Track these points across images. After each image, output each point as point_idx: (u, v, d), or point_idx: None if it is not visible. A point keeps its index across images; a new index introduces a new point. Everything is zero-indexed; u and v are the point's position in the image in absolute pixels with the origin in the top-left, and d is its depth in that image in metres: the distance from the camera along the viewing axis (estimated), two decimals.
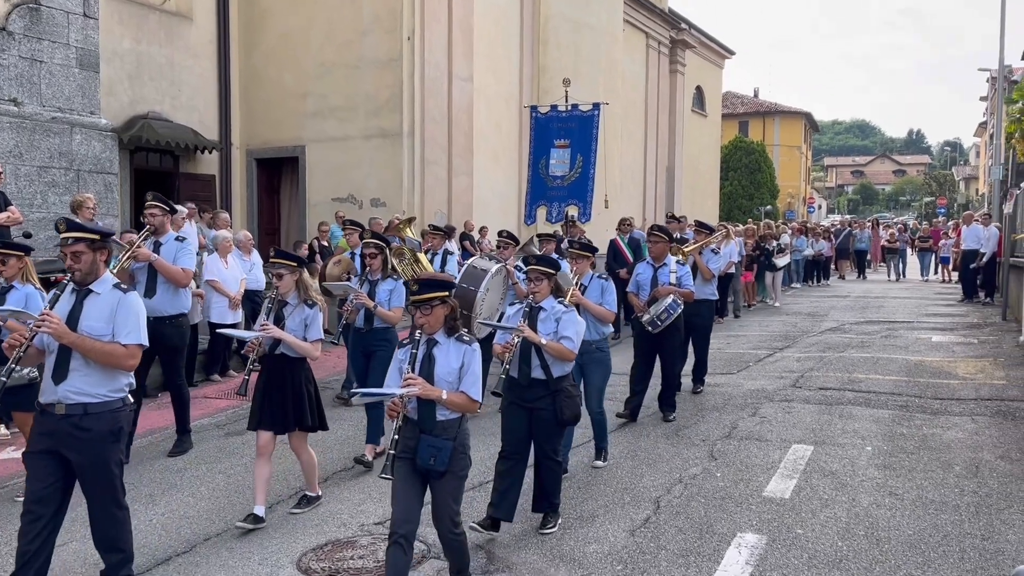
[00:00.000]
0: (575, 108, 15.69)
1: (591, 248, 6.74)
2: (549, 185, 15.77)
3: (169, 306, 6.95)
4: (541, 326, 5.18)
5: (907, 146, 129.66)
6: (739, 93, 54.73)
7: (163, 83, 15.08)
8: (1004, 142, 21.43)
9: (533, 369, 5.13)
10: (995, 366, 10.44)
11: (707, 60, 33.05)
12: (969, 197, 71.49)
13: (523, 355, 5.12)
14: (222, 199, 16.23)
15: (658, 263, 7.78)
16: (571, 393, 5.20)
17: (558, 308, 5.22)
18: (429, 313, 4.19)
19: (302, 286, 5.51)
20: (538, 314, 5.23)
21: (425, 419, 4.15)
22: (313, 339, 5.47)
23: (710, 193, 34.47)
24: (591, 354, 6.36)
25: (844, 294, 20.46)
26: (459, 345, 4.24)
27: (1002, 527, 5.24)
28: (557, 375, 5.14)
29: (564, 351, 5.10)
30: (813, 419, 7.93)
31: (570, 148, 15.58)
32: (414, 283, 4.23)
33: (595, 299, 6.39)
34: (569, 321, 5.18)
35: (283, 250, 6.13)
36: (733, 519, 5.43)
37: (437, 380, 4.15)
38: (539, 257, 5.41)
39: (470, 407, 4.23)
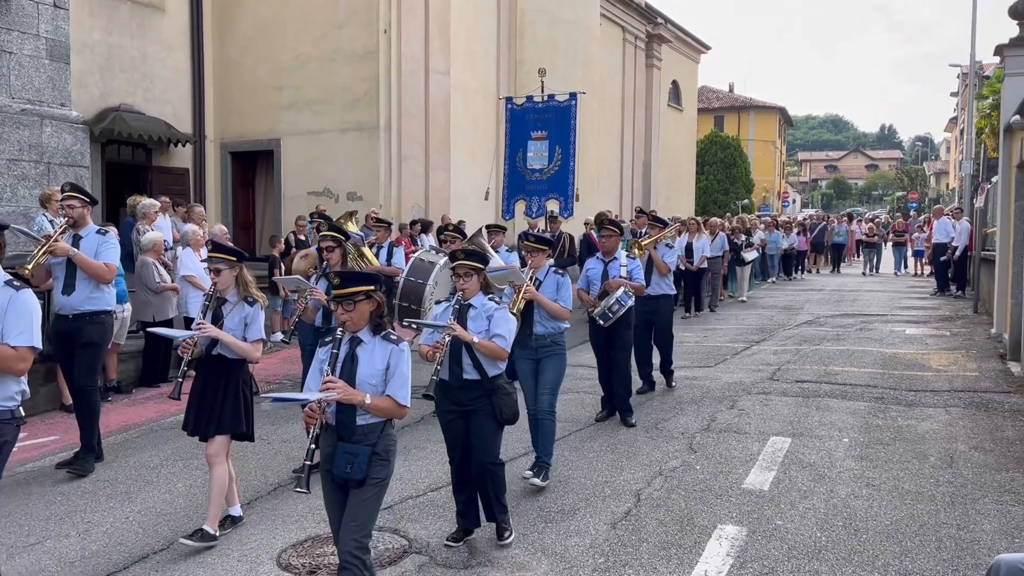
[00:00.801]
0: (551, 99, 15.25)
1: (547, 241, 6.55)
2: (527, 179, 15.25)
3: (89, 303, 6.46)
4: (472, 324, 4.89)
5: (879, 141, 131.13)
6: (714, 88, 55.02)
7: (135, 75, 14.86)
8: (974, 137, 21.74)
9: (465, 370, 4.86)
10: (967, 358, 10.59)
11: (683, 55, 33.18)
12: (940, 192, 72.51)
13: (454, 355, 4.85)
14: (196, 193, 16.04)
15: (608, 258, 7.60)
16: (507, 390, 4.94)
17: (489, 305, 4.96)
18: (352, 309, 3.84)
19: (242, 282, 5.19)
20: (468, 312, 4.94)
21: (344, 425, 3.82)
22: (253, 339, 5.13)
23: (686, 187, 34.66)
24: (546, 348, 6.14)
25: (819, 287, 20.67)
26: (385, 345, 3.88)
27: (977, 516, 5.31)
28: (492, 374, 4.88)
29: (497, 350, 4.84)
30: (790, 411, 7.99)
31: (548, 140, 15.11)
32: (334, 276, 3.89)
33: (550, 295, 6.13)
34: (501, 319, 4.92)
35: (220, 243, 5.84)
36: (713, 511, 5.45)
37: (360, 383, 3.80)
38: (467, 251, 5.09)
39: (397, 412, 3.87)
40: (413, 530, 5.22)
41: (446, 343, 4.80)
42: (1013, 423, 7.44)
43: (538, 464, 6.02)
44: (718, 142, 41.40)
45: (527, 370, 6.18)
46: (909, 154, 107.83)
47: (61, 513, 5.61)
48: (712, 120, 49.18)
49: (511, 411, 4.93)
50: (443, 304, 5.13)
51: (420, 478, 6.18)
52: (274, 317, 11.93)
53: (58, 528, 5.35)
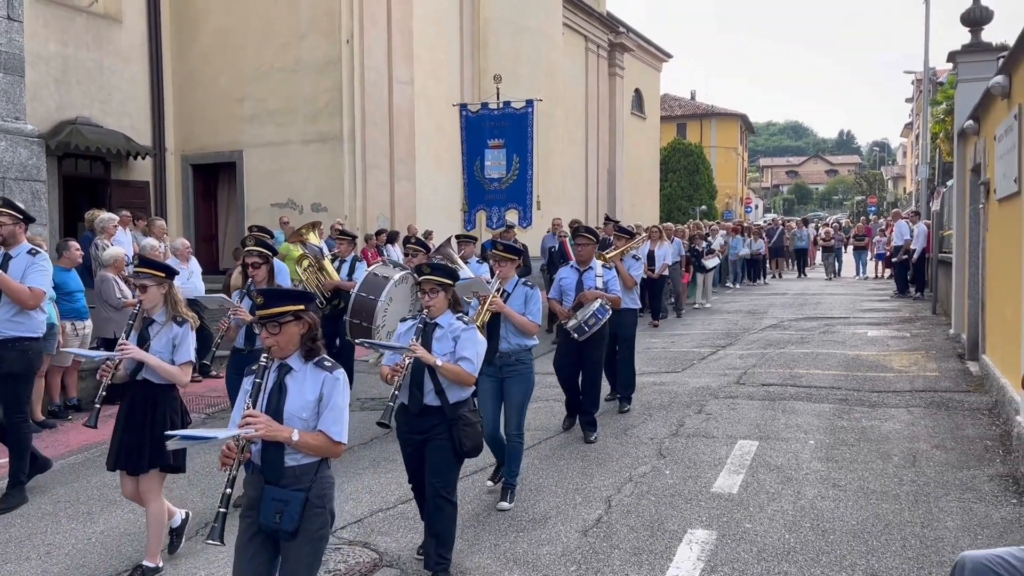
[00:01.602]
0: (507, 106, 14.79)
1: (516, 251, 6.12)
2: (486, 188, 14.85)
3: (9, 327, 5.91)
4: (437, 345, 4.56)
5: (838, 146, 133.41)
6: (676, 96, 55.61)
7: (92, 87, 14.63)
8: (930, 142, 22.19)
9: (426, 394, 4.53)
10: (927, 358, 10.79)
11: (645, 63, 33.50)
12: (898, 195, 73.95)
13: (415, 379, 4.52)
14: (157, 206, 15.82)
15: (583, 267, 7.30)
16: (470, 420, 4.60)
17: (456, 325, 4.61)
18: (278, 332, 3.40)
19: (171, 300, 4.82)
20: (433, 331, 4.60)
21: (271, 466, 3.38)
22: (182, 362, 4.76)
23: (650, 194, 34.93)
24: (511, 367, 5.79)
25: (782, 292, 20.93)
26: (318, 372, 3.45)
27: (940, 514, 5.40)
28: (454, 400, 4.55)
29: (462, 374, 4.51)
30: (757, 415, 8.07)
31: (505, 148, 14.66)
32: (257, 295, 3.47)
33: (518, 307, 5.79)
34: (469, 340, 4.58)
35: (148, 258, 5.45)
36: (683, 516, 5.48)
37: (288, 417, 3.39)
38: (433, 266, 4.74)
39: (331, 450, 3.46)
40: (384, 543, 5.18)
41: (407, 365, 4.45)
42: (973, 421, 7.59)
43: (505, 485, 5.82)
44: (681, 149, 41.82)
45: (488, 388, 5.81)
46: (867, 159, 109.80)
47: (21, 536, 5.48)
48: (675, 127, 49.66)
49: (473, 443, 4.59)
50: (408, 322, 4.78)
51: (390, 490, 6.13)
52: None
53: (18, 551, 5.22)
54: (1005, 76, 7.27)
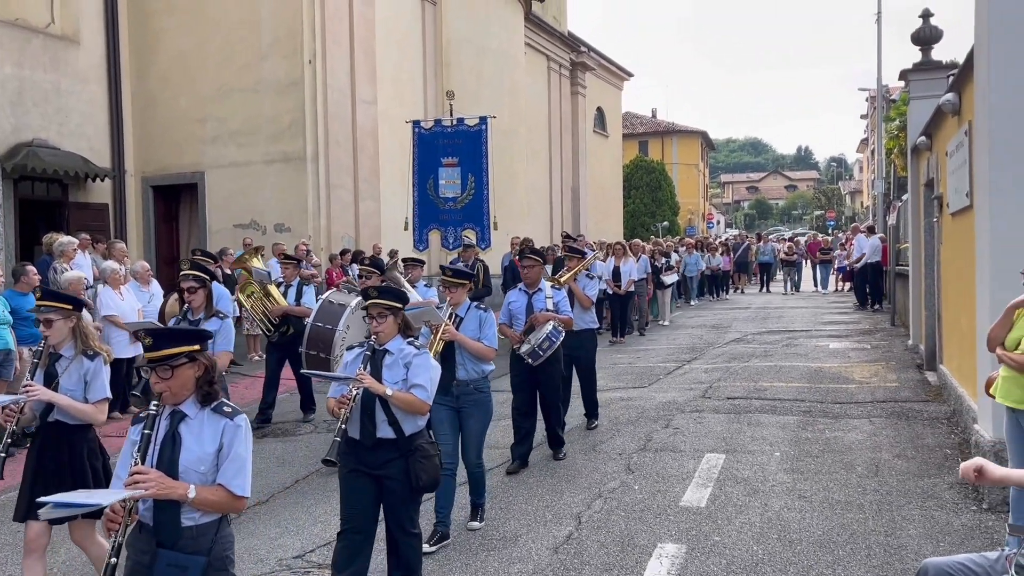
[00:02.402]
0: (461, 123, 14.36)
1: (467, 275, 5.91)
2: (440, 208, 14.32)
3: None
4: (387, 373, 4.30)
5: (797, 162, 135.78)
6: (638, 114, 56.25)
7: (49, 109, 14.42)
8: (885, 157, 22.70)
9: (379, 427, 4.24)
10: (887, 369, 10.99)
11: (606, 82, 33.90)
12: (856, 210, 75.41)
13: (366, 410, 4.23)
14: (116, 228, 15.59)
15: (532, 289, 7.05)
16: (428, 452, 4.31)
17: (408, 351, 4.35)
18: (169, 377, 3.06)
19: (80, 334, 4.47)
20: (383, 358, 4.34)
21: (164, 527, 3.01)
22: (96, 399, 4.40)
23: (614, 211, 35.26)
24: (469, 396, 5.58)
25: (745, 306, 21.20)
26: (217, 419, 3.11)
27: (903, 523, 5.50)
28: (409, 432, 4.27)
29: (415, 403, 4.24)
30: (723, 428, 8.16)
31: (459, 167, 14.18)
32: (145, 336, 3.10)
33: (472, 333, 5.58)
34: (421, 366, 4.31)
35: (54, 290, 5.08)
36: (653, 530, 5.52)
37: (184, 471, 3.02)
38: (381, 289, 4.49)
39: (232, 506, 3.11)
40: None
41: (354, 396, 4.20)
42: (932, 431, 7.75)
43: (473, 506, 5.78)
44: (643, 166, 42.32)
45: (445, 419, 5.57)
46: (825, 174, 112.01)
47: None
48: (637, 145, 50.20)
49: (430, 477, 4.30)
50: (354, 350, 4.47)
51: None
52: None
53: None
54: (955, 94, 7.49)
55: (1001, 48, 5.71)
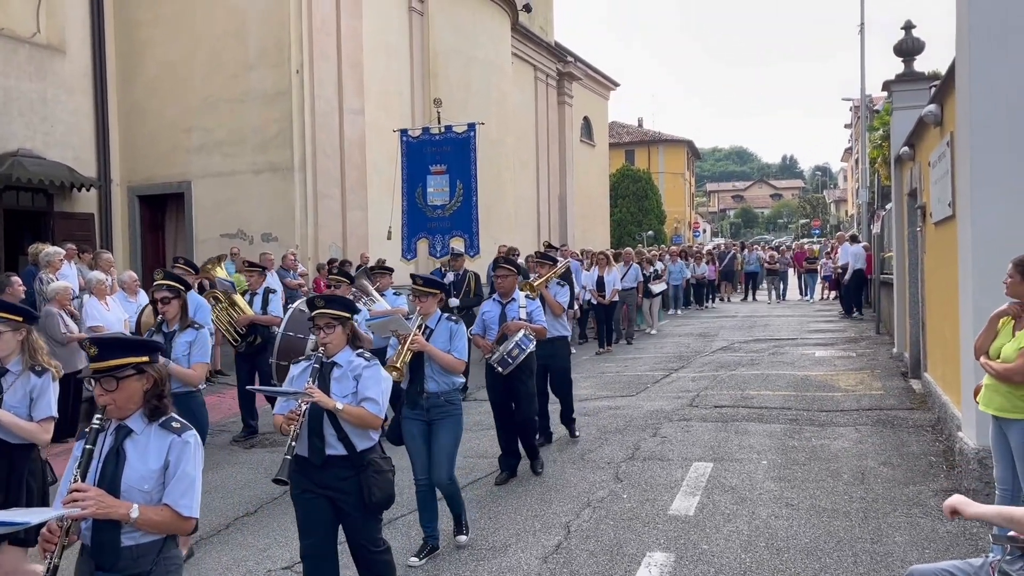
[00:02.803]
0: (449, 130, 14.24)
1: (438, 284, 5.75)
2: (429, 216, 14.19)
3: None
4: (336, 386, 4.12)
5: (782, 171, 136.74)
6: (624, 123, 56.50)
7: (34, 119, 14.35)
8: (868, 167, 22.90)
9: (328, 443, 4.06)
10: (873, 377, 11.08)
11: (593, 92, 34.05)
12: (840, 218, 75.97)
13: (314, 426, 4.06)
14: (102, 238, 15.52)
15: (505, 299, 6.99)
16: (381, 467, 4.13)
17: (357, 363, 4.17)
18: (114, 389, 2.90)
19: (29, 348, 4.28)
20: (331, 371, 4.16)
21: (103, 549, 2.84)
22: (41, 418, 4.22)
23: (601, 220, 35.35)
24: (439, 408, 5.40)
25: (732, 314, 21.30)
26: (164, 435, 2.95)
27: (889, 530, 5.55)
28: (362, 448, 4.09)
29: (366, 417, 4.06)
30: (711, 436, 8.20)
31: (448, 174, 14.04)
32: (90, 345, 2.97)
33: (442, 345, 5.40)
34: (371, 378, 4.14)
35: (4, 300, 4.98)
36: (642, 539, 5.54)
37: (127, 489, 2.85)
38: (327, 298, 4.29)
39: (179, 527, 2.94)
40: None
41: (302, 411, 4.02)
42: (917, 438, 7.82)
43: (456, 521, 5.61)
44: (630, 175, 42.48)
45: (416, 433, 5.43)
46: (810, 183, 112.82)
47: None
48: (623, 154, 50.40)
49: (384, 493, 4.10)
50: (302, 363, 4.31)
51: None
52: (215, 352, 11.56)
53: None
54: (937, 105, 7.59)
55: (982, 60, 5.80)
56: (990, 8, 5.76)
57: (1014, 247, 4.70)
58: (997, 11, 5.75)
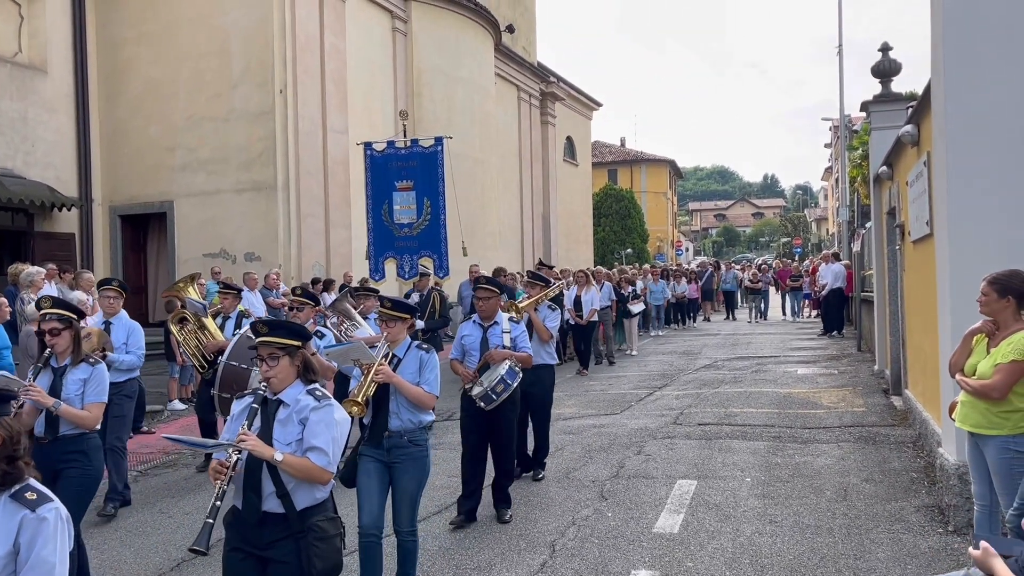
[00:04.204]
0: (415, 144, 13.55)
1: (408, 308, 5.08)
2: (396, 234, 13.48)
3: None
4: (279, 430, 3.51)
5: (763, 190, 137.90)
6: (607, 142, 56.91)
7: (15, 138, 14.30)
8: (848, 186, 23.17)
9: (265, 498, 3.46)
10: (854, 394, 11.16)
11: (576, 111, 34.30)
12: (821, 237, 76.65)
13: (250, 478, 3.45)
14: (83, 258, 15.43)
15: (487, 322, 6.41)
16: (325, 532, 3.47)
17: (305, 402, 3.52)
18: None
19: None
20: (276, 411, 3.55)
21: None
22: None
23: (584, 239, 35.51)
24: (403, 449, 4.78)
25: (714, 333, 21.39)
26: (15, 510, 2.46)
27: (872, 546, 5.58)
28: (303, 506, 3.47)
29: (312, 470, 3.44)
30: (695, 454, 8.22)
31: (414, 190, 13.33)
32: None
33: (411, 376, 4.82)
34: (321, 422, 3.48)
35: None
36: (627, 557, 5.54)
37: None
38: (272, 324, 3.66)
39: None
40: None
41: (234, 463, 3.39)
42: (898, 454, 7.87)
43: None
44: (613, 194, 42.78)
45: (372, 472, 4.78)
46: (791, 202, 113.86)
47: None
48: (606, 173, 50.72)
49: (327, 564, 3.46)
50: (243, 400, 3.68)
51: None
52: (170, 384, 11.50)
53: None
54: (914, 126, 7.71)
55: (957, 82, 5.91)
56: (964, 31, 5.88)
57: (991, 265, 4.77)
58: (971, 33, 5.87)
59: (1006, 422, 4.40)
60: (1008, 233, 5.64)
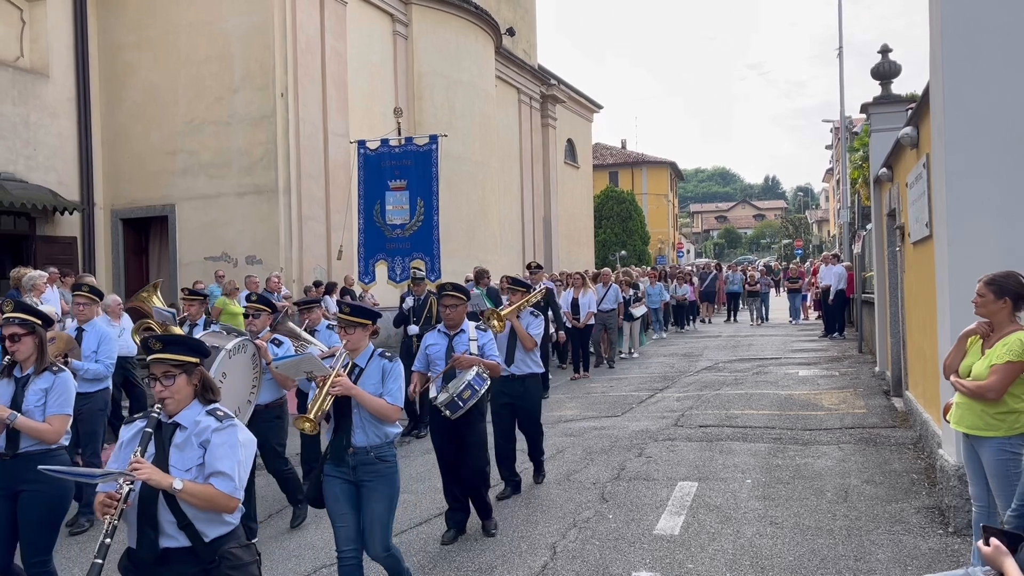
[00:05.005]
0: (409, 142, 13.12)
1: (368, 313, 4.74)
2: (387, 236, 13.01)
3: None
4: (177, 456, 3.18)
5: (764, 192, 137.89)
6: (608, 145, 56.93)
7: (16, 143, 14.33)
8: (849, 187, 23.18)
9: (164, 532, 3.11)
10: (855, 396, 11.16)
11: (576, 114, 34.31)
12: (823, 238, 76.60)
13: (144, 512, 3.11)
14: (85, 262, 15.46)
15: (453, 331, 6.11)
16: (239, 560, 3.20)
17: (206, 423, 3.22)
18: None
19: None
20: (172, 435, 3.22)
21: None
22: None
23: (585, 242, 35.51)
24: (369, 467, 4.50)
25: (715, 335, 21.40)
26: None
27: (872, 547, 5.59)
28: (212, 536, 3.16)
29: (217, 498, 3.11)
30: (696, 456, 8.23)
31: (408, 190, 12.90)
32: None
33: (373, 387, 4.51)
34: (224, 444, 3.17)
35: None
36: (627, 559, 5.55)
37: None
38: (165, 339, 3.32)
39: None
40: None
41: (125, 495, 3.05)
42: (899, 456, 7.88)
43: None
44: (614, 197, 42.80)
45: (340, 495, 4.54)
46: (792, 203, 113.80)
47: None
48: (607, 176, 50.75)
49: None
50: (134, 424, 3.35)
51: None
52: None
53: None
54: (913, 127, 7.73)
55: (956, 83, 5.93)
56: (963, 32, 5.90)
57: (990, 266, 4.78)
58: (970, 35, 5.88)
59: (1002, 424, 4.41)
60: (1007, 235, 5.66)
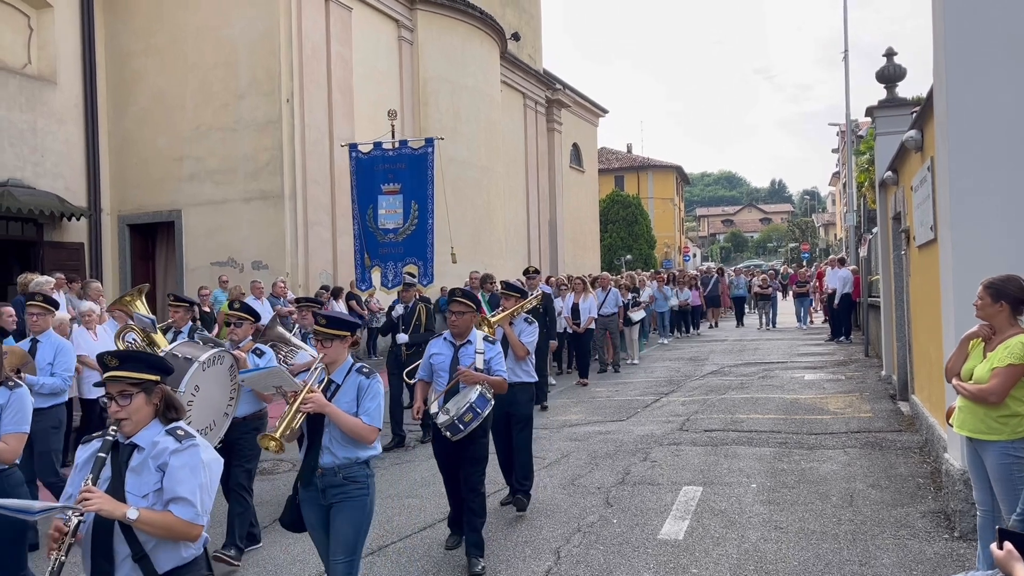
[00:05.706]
0: (404, 145, 12.82)
1: (346, 324, 4.43)
2: (380, 240, 12.62)
3: None
4: (133, 481, 2.94)
5: (771, 195, 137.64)
6: (613, 149, 56.92)
7: (24, 149, 14.42)
8: (856, 191, 23.12)
9: (119, 566, 2.90)
10: (861, 400, 11.13)
11: (582, 118, 34.34)
12: (829, 242, 76.45)
13: (99, 540, 2.89)
14: (92, 267, 15.54)
15: (459, 340, 5.80)
16: None
17: (164, 444, 2.97)
18: None
19: None
20: (129, 458, 2.98)
21: None
22: None
23: (591, 246, 35.51)
24: (338, 488, 4.20)
25: (721, 339, 21.36)
26: None
27: (877, 552, 5.57)
28: (168, 568, 2.94)
29: (176, 527, 2.89)
30: (701, 460, 8.22)
31: (401, 194, 12.54)
32: None
33: (347, 405, 4.21)
34: (185, 467, 2.93)
35: None
36: (632, 564, 5.54)
37: None
38: (122, 355, 3.08)
39: None
40: None
41: (74, 526, 2.80)
42: (905, 460, 7.86)
43: None
44: (620, 201, 42.78)
45: (315, 522, 4.31)
46: (799, 207, 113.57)
47: None
48: (613, 180, 50.72)
49: None
50: (89, 445, 3.09)
51: None
52: None
53: None
54: (918, 131, 7.72)
55: (959, 86, 5.92)
56: (967, 37, 5.89)
57: (994, 269, 4.77)
58: (973, 39, 5.88)
59: (1004, 427, 4.39)
60: (1011, 238, 5.65)
